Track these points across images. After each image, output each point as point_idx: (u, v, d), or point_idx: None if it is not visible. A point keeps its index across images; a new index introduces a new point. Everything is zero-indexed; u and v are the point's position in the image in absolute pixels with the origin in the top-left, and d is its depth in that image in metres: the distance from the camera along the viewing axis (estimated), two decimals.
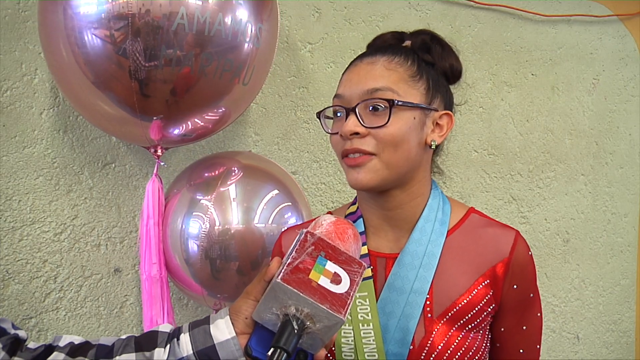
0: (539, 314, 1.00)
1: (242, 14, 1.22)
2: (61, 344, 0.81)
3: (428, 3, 1.77)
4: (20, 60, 1.49)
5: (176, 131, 1.29)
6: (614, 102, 1.97)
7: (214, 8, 1.17)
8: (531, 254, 0.98)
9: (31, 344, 0.82)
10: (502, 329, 0.98)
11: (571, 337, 1.97)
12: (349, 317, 0.92)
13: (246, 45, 1.24)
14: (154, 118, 1.23)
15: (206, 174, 1.36)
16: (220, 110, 1.31)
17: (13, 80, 1.49)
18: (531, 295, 0.98)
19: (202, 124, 1.30)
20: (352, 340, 0.92)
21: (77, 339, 0.82)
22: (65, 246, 1.54)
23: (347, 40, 1.69)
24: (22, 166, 1.51)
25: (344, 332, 0.93)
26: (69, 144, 1.54)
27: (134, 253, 1.59)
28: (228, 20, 1.19)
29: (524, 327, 0.98)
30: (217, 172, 1.34)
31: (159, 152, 1.35)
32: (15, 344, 0.81)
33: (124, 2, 1.11)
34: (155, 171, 1.35)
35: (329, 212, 1.09)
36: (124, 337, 0.81)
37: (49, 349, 0.81)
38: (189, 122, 1.28)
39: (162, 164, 1.37)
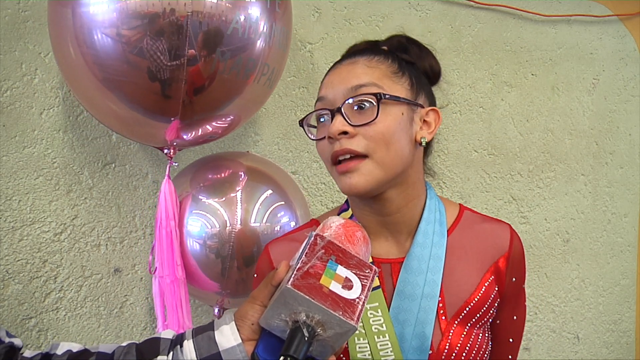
0: (525, 303, 1.02)
1: (257, 13, 1.21)
2: (59, 352, 0.78)
3: (428, 3, 1.77)
4: (20, 60, 1.49)
5: (189, 134, 1.29)
6: (614, 102, 1.97)
7: (229, 7, 1.16)
8: (522, 245, 0.99)
9: (27, 353, 0.79)
10: (498, 322, 0.98)
11: (571, 337, 1.97)
12: (363, 331, 0.89)
13: (273, 47, 1.25)
14: (172, 119, 1.22)
15: (210, 176, 1.38)
16: (237, 113, 1.32)
17: (13, 80, 1.49)
18: (523, 286, 1.00)
19: (211, 129, 1.31)
20: (369, 355, 0.88)
21: (75, 347, 0.80)
22: (65, 246, 1.54)
23: (347, 40, 1.68)
24: (22, 166, 1.51)
25: (360, 347, 0.89)
26: (69, 144, 1.54)
27: (134, 253, 1.59)
28: (255, 22, 1.19)
29: (515, 317, 0.99)
30: (223, 175, 1.38)
31: (172, 152, 1.34)
32: (11, 353, 0.78)
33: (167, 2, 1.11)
34: (167, 172, 1.34)
35: (313, 219, 1.05)
36: (124, 344, 0.79)
37: (46, 357, 0.78)
38: (208, 124, 1.29)
39: (174, 164, 1.36)
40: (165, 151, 1.34)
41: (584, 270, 1.97)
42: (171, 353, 0.76)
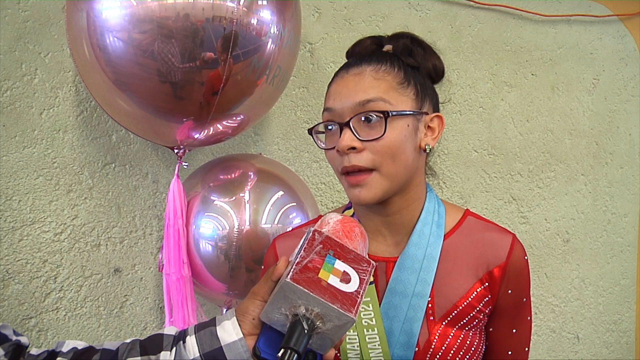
0: (529, 318, 1.01)
1: (269, 16, 1.22)
2: (64, 349, 0.80)
3: (428, 3, 1.77)
4: (20, 60, 1.49)
5: (200, 134, 1.30)
6: (614, 102, 1.97)
7: (245, 11, 1.17)
8: (526, 259, 0.98)
9: (33, 350, 0.81)
10: (491, 329, 0.98)
11: (571, 337, 1.97)
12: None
13: (283, 48, 1.27)
14: (185, 120, 1.23)
15: (222, 176, 1.39)
16: (248, 114, 1.33)
17: (13, 80, 1.49)
18: (524, 300, 0.98)
19: (222, 129, 1.32)
20: (357, 346, 0.92)
21: (81, 344, 0.81)
22: (65, 246, 1.54)
23: (347, 40, 1.68)
24: (22, 166, 1.51)
25: (349, 338, 0.92)
26: (69, 144, 1.54)
27: (134, 253, 1.59)
28: (267, 25, 1.20)
29: (514, 330, 0.98)
30: (233, 175, 1.38)
31: (182, 152, 1.35)
32: (17, 351, 0.80)
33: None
34: (176, 171, 1.35)
35: (320, 215, 1.08)
36: (128, 340, 0.80)
37: (52, 355, 0.80)
38: (219, 125, 1.29)
39: (184, 165, 1.37)
40: (176, 151, 1.35)
41: (584, 270, 1.97)
42: (174, 349, 0.77)
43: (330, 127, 0.93)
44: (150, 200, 1.59)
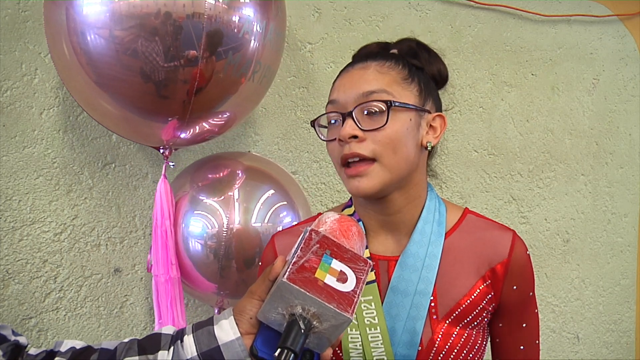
0: (535, 311, 1.02)
1: (251, 13, 1.22)
2: (62, 349, 0.80)
3: (428, 3, 1.77)
4: (20, 60, 1.49)
5: (186, 133, 1.29)
6: (614, 102, 1.97)
7: (226, 8, 1.16)
8: (529, 254, 0.99)
9: (32, 350, 0.81)
10: (501, 325, 0.99)
11: (571, 337, 1.97)
12: (356, 322, 0.92)
13: (267, 46, 1.26)
14: (169, 119, 1.22)
15: (210, 175, 1.38)
16: (233, 112, 1.32)
17: (13, 80, 1.49)
18: (530, 294, 0.99)
19: (208, 127, 1.31)
20: (360, 345, 0.92)
21: (79, 344, 0.81)
22: (65, 246, 1.54)
23: (347, 40, 1.69)
24: (22, 166, 1.51)
25: (352, 337, 0.92)
26: (69, 144, 1.54)
27: (134, 253, 1.59)
28: (250, 22, 1.20)
29: (524, 325, 0.99)
30: (222, 174, 1.37)
31: (168, 152, 1.35)
32: (16, 351, 0.80)
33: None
34: (163, 172, 1.35)
35: (320, 213, 1.08)
36: (126, 340, 0.80)
37: (50, 354, 0.80)
38: (205, 123, 1.29)
39: (170, 164, 1.37)
40: (162, 151, 1.34)
41: (584, 270, 1.97)
42: (172, 348, 0.77)
43: (333, 122, 0.94)
44: (150, 200, 1.59)
